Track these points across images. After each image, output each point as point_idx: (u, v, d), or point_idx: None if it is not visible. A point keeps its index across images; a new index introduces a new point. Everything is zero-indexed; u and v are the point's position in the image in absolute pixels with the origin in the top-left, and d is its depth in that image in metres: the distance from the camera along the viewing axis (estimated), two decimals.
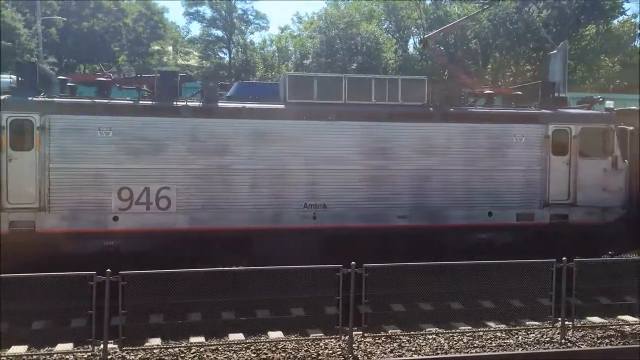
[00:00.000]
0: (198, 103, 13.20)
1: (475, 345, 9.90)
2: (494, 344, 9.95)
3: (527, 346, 9.88)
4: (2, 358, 8.93)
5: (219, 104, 13.29)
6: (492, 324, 11.10)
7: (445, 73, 44.46)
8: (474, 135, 14.05)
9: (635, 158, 15.10)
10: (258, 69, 51.13)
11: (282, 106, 13.42)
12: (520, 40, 41.20)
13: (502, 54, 43.38)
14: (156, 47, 54.18)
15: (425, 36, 21.31)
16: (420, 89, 14.15)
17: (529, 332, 10.52)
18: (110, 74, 14.07)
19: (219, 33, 57.09)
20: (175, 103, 12.91)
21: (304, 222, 13.23)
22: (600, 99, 15.73)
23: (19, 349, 9.44)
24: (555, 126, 14.46)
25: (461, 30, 43.26)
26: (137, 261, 11.71)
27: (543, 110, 14.74)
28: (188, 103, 13.03)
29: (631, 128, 15.39)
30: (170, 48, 58.74)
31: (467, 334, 10.39)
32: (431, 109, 14.07)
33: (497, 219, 14.11)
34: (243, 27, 58.05)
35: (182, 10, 61.10)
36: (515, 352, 9.55)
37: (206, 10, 56.84)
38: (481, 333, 10.46)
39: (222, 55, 57.78)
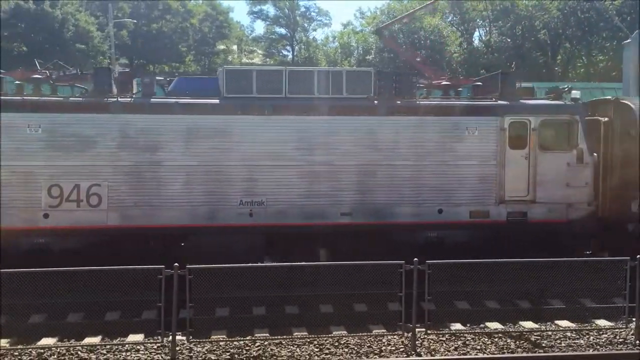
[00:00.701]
0: (130, 99, 12.95)
1: (543, 345, 9.63)
2: (563, 344, 9.65)
3: (598, 347, 9.53)
4: (77, 347, 9.36)
5: (151, 100, 12.95)
6: (561, 324, 10.75)
7: (513, 65, 43.38)
8: (422, 128, 13.32)
9: (609, 150, 14.07)
10: (321, 65, 51.33)
11: (216, 101, 13.04)
12: (592, 30, 39.61)
13: (572, 44, 41.85)
14: (221, 47, 55.31)
15: (381, 26, 20.30)
16: (366, 81, 13.47)
17: (601, 333, 10.13)
18: (47, 72, 13.57)
19: (282, 31, 57.81)
20: (105, 99, 12.67)
21: (240, 220, 12.83)
22: (566, 89, 14.48)
23: (94, 339, 9.87)
24: (512, 118, 13.55)
25: (529, 21, 42.01)
26: (67, 259, 11.29)
27: (498, 102, 13.83)
28: (119, 99, 12.73)
29: (605, 119, 14.33)
30: (235, 47, 59.83)
31: (535, 333, 10.11)
32: (376, 102, 13.38)
33: (448, 216, 13.35)
34: (306, 25, 58.55)
35: (247, 10, 62.09)
36: (586, 352, 9.22)
37: (270, 9, 57.70)
38: (550, 332, 10.16)
39: (285, 52, 58.49)
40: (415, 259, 9.51)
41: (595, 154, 13.94)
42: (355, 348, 9.41)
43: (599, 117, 14.36)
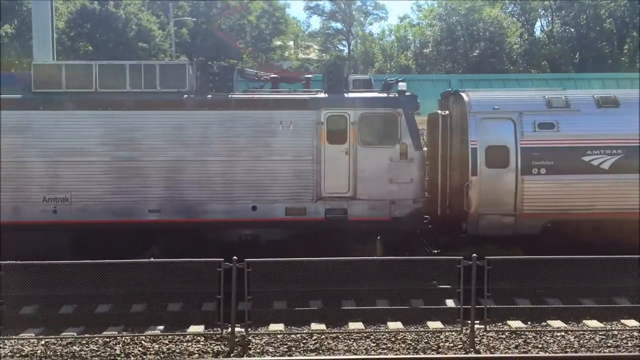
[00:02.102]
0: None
1: (608, 344, 9.31)
2: (629, 344, 9.30)
3: None
4: (141, 337, 9.67)
5: None
6: (628, 323, 10.36)
7: (577, 56, 41.94)
8: (234, 123, 12.89)
9: (447, 145, 13.40)
10: (377, 59, 51.02)
11: (18, 96, 12.84)
12: None
13: None
14: (278, 43, 55.78)
15: None
16: (181, 74, 13.12)
17: None
18: None
19: (338, 25, 57.82)
20: None
21: (43, 217, 12.57)
22: (396, 81, 13.62)
23: (157, 329, 10.18)
24: (330, 112, 12.95)
25: (594, 10, 40.51)
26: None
27: (315, 95, 13.28)
28: None
29: (445, 112, 13.61)
30: (291, 43, 60.22)
31: (600, 332, 9.78)
32: (185, 96, 13.01)
33: (262, 213, 12.87)
34: (362, 19, 58.34)
35: (303, 5, 62.39)
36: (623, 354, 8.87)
37: (326, 4, 57.82)
38: (615, 332, 9.81)
39: (341, 47, 58.47)
40: (474, 254, 9.36)
41: (424, 149, 13.31)
42: (413, 344, 9.36)
43: (441, 110, 13.85)
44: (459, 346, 9.26)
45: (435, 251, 13.55)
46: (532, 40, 45.42)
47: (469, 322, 9.39)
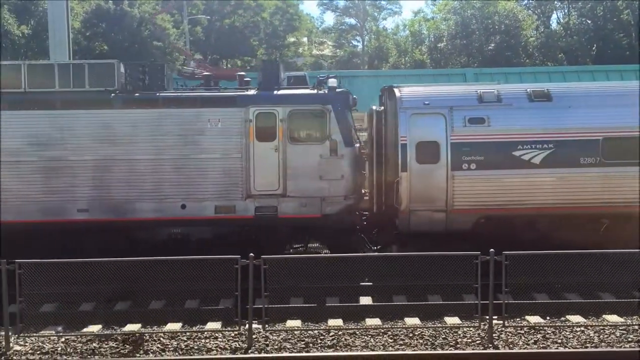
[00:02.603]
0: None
1: (629, 339, 9.20)
2: None
3: None
4: (160, 334, 9.74)
5: None
6: None
7: (594, 48, 41.40)
8: (162, 121, 12.88)
9: (381, 141, 13.25)
10: (391, 54, 50.82)
11: None
12: None
13: None
14: (292, 39, 55.74)
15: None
16: (110, 73, 13.07)
17: None
18: None
19: (352, 21, 57.71)
20: None
21: None
22: (327, 77, 13.49)
23: (175, 326, 10.25)
24: (258, 109, 12.92)
25: (612, 1, 39.96)
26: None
27: (243, 93, 13.25)
28: None
29: (380, 108, 13.46)
30: (305, 39, 60.17)
31: (620, 327, 9.67)
32: (113, 94, 12.98)
33: (192, 212, 12.84)
34: (376, 14, 58.15)
35: (316, 2, 62.31)
36: None
37: (339, 0, 57.65)
38: (636, 326, 9.69)
39: (355, 43, 58.34)
40: (492, 249, 9.31)
41: (357, 145, 13.16)
42: (430, 339, 9.32)
43: (377, 106, 13.69)
44: (477, 342, 9.21)
45: (375, 248, 13.61)
46: (548, 32, 44.92)
47: (487, 317, 9.33)
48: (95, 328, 10.20)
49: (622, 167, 12.63)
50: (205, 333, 9.76)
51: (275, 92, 13.40)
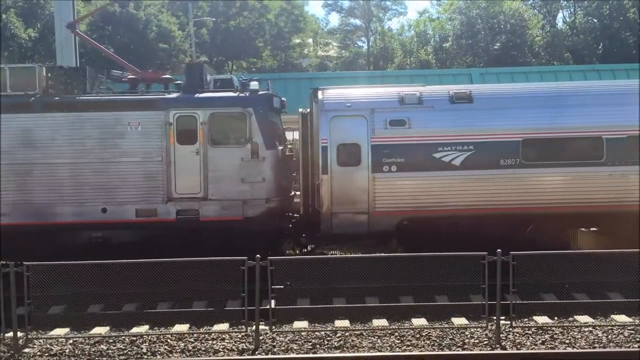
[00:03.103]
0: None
1: (637, 339, 9.16)
2: None
3: None
4: (167, 335, 9.76)
5: None
6: None
7: (600, 47, 41.22)
8: (82, 125, 12.87)
9: (307, 144, 13.23)
10: (396, 55, 50.74)
11: None
12: None
13: None
14: (297, 41, 55.77)
15: (76, 19, 18.88)
16: (31, 77, 13.02)
17: None
18: None
19: (357, 22, 57.59)
20: None
21: None
22: (249, 80, 13.50)
23: (182, 327, 10.27)
24: (179, 112, 12.92)
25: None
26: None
27: (164, 96, 13.28)
28: None
29: (307, 110, 13.43)
30: (310, 40, 60.18)
31: (629, 327, 9.63)
32: (33, 98, 12.92)
33: (112, 215, 12.82)
34: (381, 14, 58.00)
35: (321, 2, 62.31)
36: None
37: (344, 1, 57.63)
38: None
39: (360, 43, 58.26)
40: (499, 250, 9.29)
41: (280, 148, 13.18)
42: (437, 340, 9.31)
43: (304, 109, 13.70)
44: (485, 342, 9.18)
45: (305, 250, 13.63)
46: (554, 31, 44.76)
47: (495, 318, 9.31)
48: (102, 330, 10.23)
49: (541, 169, 12.73)
50: (213, 334, 9.78)
51: (196, 95, 13.39)
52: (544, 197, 12.72)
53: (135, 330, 10.20)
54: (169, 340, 9.56)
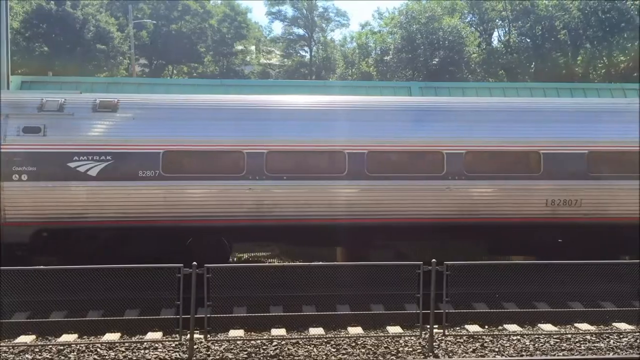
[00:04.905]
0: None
1: (562, 347, 9.53)
2: (582, 347, 9.54)
3: (619, 350, 9.41)
4: (97, 344, 9.46)
5: None
6: (580, 326, 10.63)
7: (532, 66, 42.94)
8: None
9: None
10: (338, 66, 51.28)
11: None
12: (613, 30, 39.09)
13: (593, 45, 41.34)
14: (239, 47, 55.53)
15: None
16: None
17: (622, 336, 10.01)
18: None
19: (300, 31, 57.85)
20: None
21: None
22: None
23: (113, 336, 9.97)
24: None
25: (550, 21, 41.60)
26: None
27: None
28: None
29: None
30: (253, 48, 60.02)
31: (554, 336, 10.02)
32: None
33: None
34: (324, 25, 58.54)
35: (265, 10, 62.27)
36: (607, 356, 9.12)
37: (288, 10, 57.79)
38: (569, 335, 10.05)
39: (303, 53, 58.51)
40: (434, 259, 9.49)
41: None
42: (372, 349, 9.40)
43: None
44: (418, 350, 9.34)
45: None
46: (490, 49, 46.36)
47: (428, 326, 9.49)
48: (28, 339, 9.80)
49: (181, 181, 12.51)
50: (145, 344, 9.54)
51: None
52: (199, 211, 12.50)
53: (63, 338, 9.83)
54: (98, 350, 9.26)
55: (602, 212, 13.07)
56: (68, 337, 9.89)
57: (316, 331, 10.30)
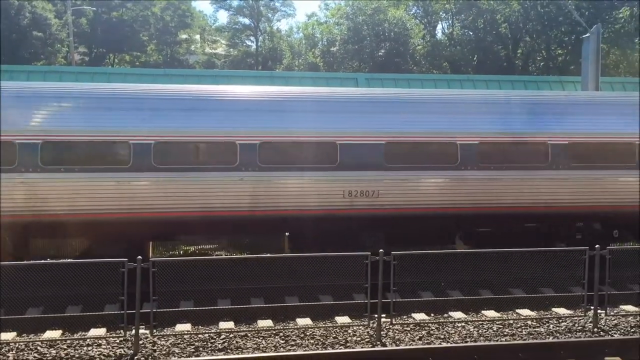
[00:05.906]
0: None
1: (505, 333, 9.81)
2: (524, 332, 9.85)
3: (558, 334, 9.76)
4: (37, 342, 9.13)
5: None
6: (522, 312, 10.97)
7: (475, 58, 43.88)
8: None
9: None
10: (285, 56, 51.06)
11: None
12: (551, 24, 40.34)
13: (532, 38, 42.57)
14: (184, 36, 54.45)
15: None
16: None
17: (561, 321, 10.38)
18: None
19: (246, 21, 57.23)
20: None
21: None
22: None
23: (54, 334, 9.65)
24: None
25: (491, 14, 42.56)
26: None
27: None
28: None
29: None
30: (197, 37, 58.98)
31: (497, 322, 10.30)
32: None
33: None
34: (270, 15, 58.07)
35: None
36: (547, 340, 9.44)
37: None
38: (511, 321, 10.36)
39: (249, 43, 57.96)
40: (381, 250, 9.59)
41: None
42: (321, 339, 9.43)
43: None
44: (366, 340, 9.43)
45: None
46: (434, 42, 47.09)
47: (376, 316, 9.59)
48: None
49: None
50: (88, 340, 9.28)
51: None
52: None
53: (1, 337, 9.45)
54: (39, 348, 8.94)
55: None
56: (6, 336, 9.52)
57: (265, 323, 10.26)
